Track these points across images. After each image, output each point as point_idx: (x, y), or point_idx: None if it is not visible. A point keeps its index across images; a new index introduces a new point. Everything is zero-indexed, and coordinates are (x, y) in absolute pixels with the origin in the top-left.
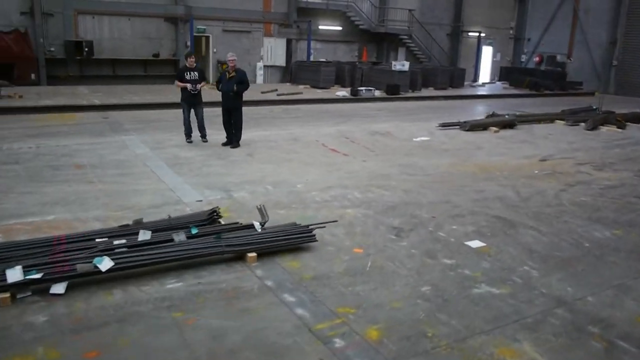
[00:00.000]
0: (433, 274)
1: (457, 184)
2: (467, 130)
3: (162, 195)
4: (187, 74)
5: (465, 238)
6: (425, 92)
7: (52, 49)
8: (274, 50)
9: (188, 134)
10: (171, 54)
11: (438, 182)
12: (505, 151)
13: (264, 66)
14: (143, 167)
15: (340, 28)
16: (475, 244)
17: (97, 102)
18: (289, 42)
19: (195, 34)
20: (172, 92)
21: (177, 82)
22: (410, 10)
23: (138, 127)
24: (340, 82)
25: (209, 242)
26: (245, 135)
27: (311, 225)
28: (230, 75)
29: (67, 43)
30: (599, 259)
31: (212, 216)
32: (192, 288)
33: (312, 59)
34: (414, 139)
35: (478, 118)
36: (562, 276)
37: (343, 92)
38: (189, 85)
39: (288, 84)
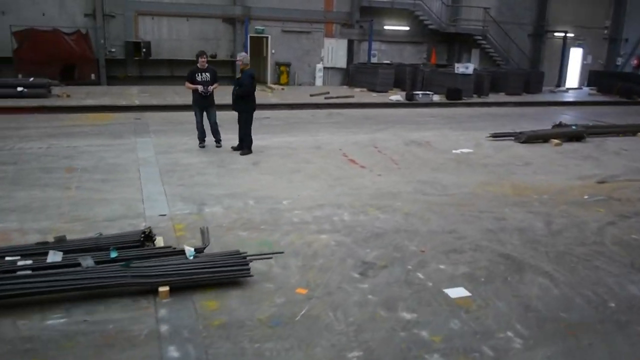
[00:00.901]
0: (376, 334)
1: (476, 208)
2: (523, 142)
3: (128, 207)
4: (198, 75)
5: (447, 283)
6: (492, 98)
7: (113, 50)
8: (334, 52)
9: (201, 138)
10: (228, 55)
11: (454, 204)
12: (559, 169)
13: (324, 68)
14: (133, 173)
15: (407, 28)
16: (457, 292)
17: (137, 102)
18: (350, 43)
19: (253, 35)
20: (221, 95)
21: (187, 84)
22: (485, 9)
23: (162, 130)
24: (399, 85)
25: (117, 270)
26: (267, 140)
27: (252, 255)
28: (237, 77)
29: (126, 44)
30: (622, 328)
31: (144, 236)
32: (72, 327)
33: (375, 60)
34: (454, 151)
35: (541, 128)
36: (554, 352)
37: (397, 97)
38: (199, 87)
39: (345, 86)
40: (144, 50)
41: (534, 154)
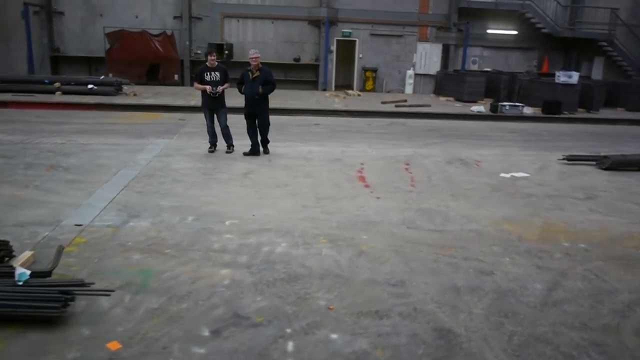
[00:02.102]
0: None
1: (463, 253)
2: (605, 169)
3: (55, 212)
4: (207, 75)
5: None
6: (604, 114)
7: (199, 51)
8: (428, 57)
9: (212, 142)
10: (313, 59)
11: (436, 245)
12: (631, 208)
13: (415, 75)
14: (108, 175)
15: (514, 32)
16: None
17: (192, 103)
18: (446, 47)
19: (340, 38)
20: (299, 98)
21: (195, 84)
22: (613, 10)
23: (193, 131)
24: (492, 95)
25: None
26: (290, 148)
27: (81, 289)
28: (254, 76)
29: (209, 46)
30: None
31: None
32: None
33: (476, 68)
34: (502, 174)
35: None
36: None
37: (480, 108)
38: (208, 88)
39: (432, 95)
40: (227, 52)
41: (610, 186)
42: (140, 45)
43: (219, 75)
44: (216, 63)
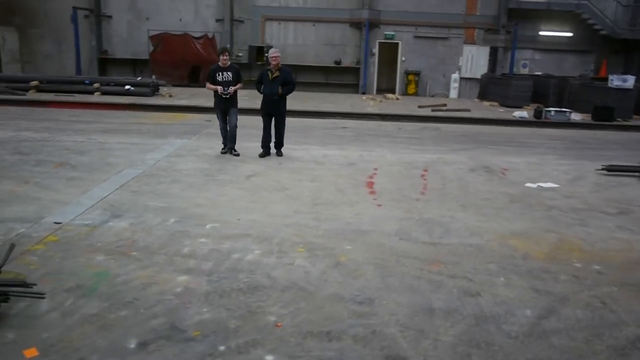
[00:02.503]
0: None
1: (453, 270)
2: None
3: (41, 209)
4: (218, 75)
5: None
6: None
7: (240, 54)
8: (475, 60)
9: (225, 144)
10: (354, 62)
11: (425, 260)
12: None
13: (461, 78)
14: (111, 174)
15: (569, 34)
16: None
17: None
18: (494, 50)
19: (382, 41)
20: (334, 101)
21: (207, 85)
22: None
23: (212, 132)
24: (540, 100)
25: None
26: (306, 152)
27: (13, 289)
28: (274, 75)
29: (250, 48)
30: None
31: None
32: None
33: (526, 71)
34: (528, 184)
35: None
36: None
37: (523, 113)
38: (219, 88)
39: (476, 100)
40: (266, 55)
41: None
42: (182, 48)
43: (231, 75)
44: (228, 63)
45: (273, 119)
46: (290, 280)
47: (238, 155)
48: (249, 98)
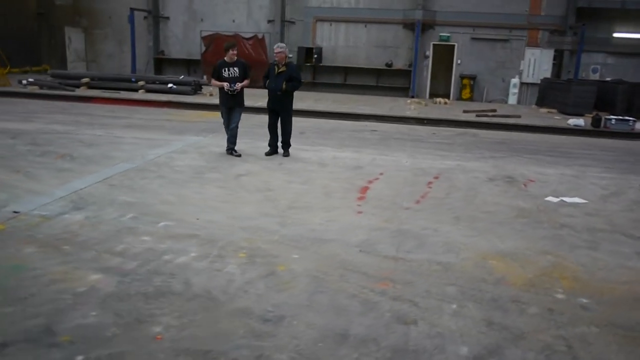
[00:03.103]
0: None
1: (403, 292)
2: None
3: (11, 198)
4: (224, 71)
5: None
6: None
7: (291, 55)
8: (537, 64)
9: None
10: (406, 64)
11: (375, 277)
12: None
13: (521, 83)
14: (103, 167)
15: None
16: None
17: (259, 104)
18: (559, 53)
19: (437, 43)
20: (375, 104)
21: (212, 81)
22: None
23: None
24: (607, 107)
25: None
26: (315, 152)
27: None
28: (280, 70)
29: (299, 49)
30: None
31: None
32: None
33: (596, 77)
34: (549, 198)
35: None
36: None
37: (578, 121)
38: (225, 85)
39: (534, 106)
40: (315, 56)
41: None
42: None
43: (237, 71)
44: (235, 58)
45: (279, 116)
46: (206, 288)
47: (239, 156)
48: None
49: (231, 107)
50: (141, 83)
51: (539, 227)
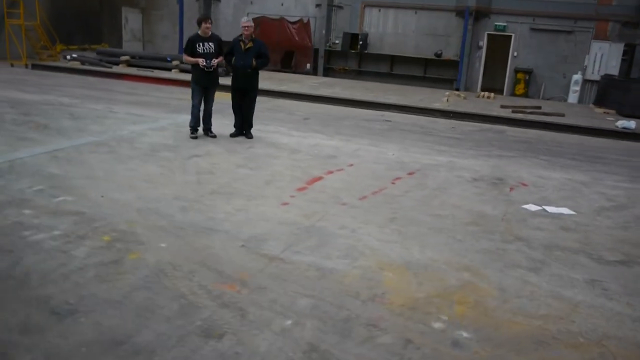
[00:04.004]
0: None
1: (234, 298)
2: None
3: None
4: (199, 46)
5: None
6: None
7: (336, 41)
8: (604, 60)
9: (195, 127)
10: (457, 55)
11: (229, 277)
12: None
13: (584, 80)
14: (66, 139)
15: None
16: None
17: (283, 88)
18: (630, 48)
19: (492, 32)
20: (403, 94)
21: (185, 57)
22: None
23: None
24: None
25: None
26: (296, 138)
27: None
28: (247, 46)
29: (344, 35)
30: None
31: None
32: None
33: None
34: (529, 205)
35: None
36: None
37: (628, 124)
38: (200, 61)
39: (591, 105)
40: (361, 42)
41: None
42: (276, 32)
43: (213, 46)
44: (210, 32)
45: (244, 96)
46: (30, 270)
47: (214, 136)
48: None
49: (207, 86)
50: (175, 63)
51: (484, 238)
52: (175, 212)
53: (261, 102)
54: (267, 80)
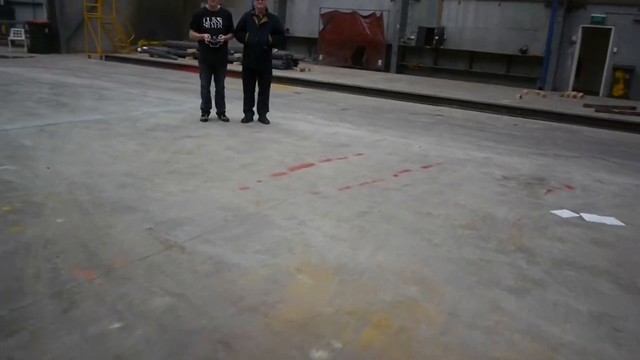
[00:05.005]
0: None
1: (89, 289)
2: None
3: None
4: (205, 21)
5: None
6: None
7: (412, 36)
8: None
9: (206, 109)
10: (542, 51)
11: (99, 259)
12: None
13: None
14: (71, 116)
15: None
16: None
17: (338, 81)
18: None
19: (587, 25)
20: (472, 91)
21: (191, 33)
22: None
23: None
24: None
25: None
26: (322, 127)
27: None
28: (262, 21)
29: (419, 30)
30: None
31: None
32: None
33: None
34: (561, 212)
35: None
36: None
37: None
38: (206, 36)
39: None
40: (437, 37)
41: None
42: (348, 27)
43: (220, 21)
44: (218, 6)
45: (259, 77)
46: None
47: (227, 120)
48: None
49: (214, 64)
50: (237, 55)
51: (472, 245)
52: (111, 188)
53: (305, 93)
54: (327, 74)
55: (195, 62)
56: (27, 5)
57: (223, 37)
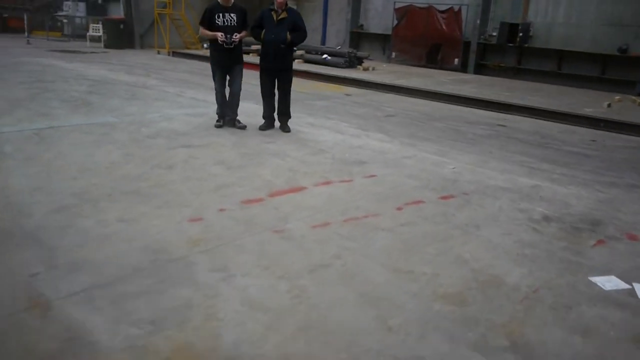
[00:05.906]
0: None
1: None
2: None
3: None
4: (218, 17)
5: None
6: None
7: (494, 33)
8: None
9: (221, 114)
10: None
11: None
12: None
13: None
14: (83, 117)
15: None
16: None
17: (398, 82)
18: None
19: None
20: (556, 96)
21: (202, 30)
22: None
23: (322, 106)
24: None
25: None
26: (354, 138)
27: None
28: (280, 17)
29: (502, 26)
30: None
31: None
32: None
33: None
34: (602, 280)
35: None
36: None
37: None
38: (219, 35)
39: None
40: (520, 34)
41: None
42: (423, 23)
43: (235, 18)
44: (232, 1)
45: (277, 78)
46: None
47: (244, 127)
48: None
49: (228, 65)
50: (299, 53)
51: (442, 333)
52: (42, 212)
53: (355, 95)
54: (392, 74)
55: (253, 59)
56: (116, 1)
57: (238, 35)
